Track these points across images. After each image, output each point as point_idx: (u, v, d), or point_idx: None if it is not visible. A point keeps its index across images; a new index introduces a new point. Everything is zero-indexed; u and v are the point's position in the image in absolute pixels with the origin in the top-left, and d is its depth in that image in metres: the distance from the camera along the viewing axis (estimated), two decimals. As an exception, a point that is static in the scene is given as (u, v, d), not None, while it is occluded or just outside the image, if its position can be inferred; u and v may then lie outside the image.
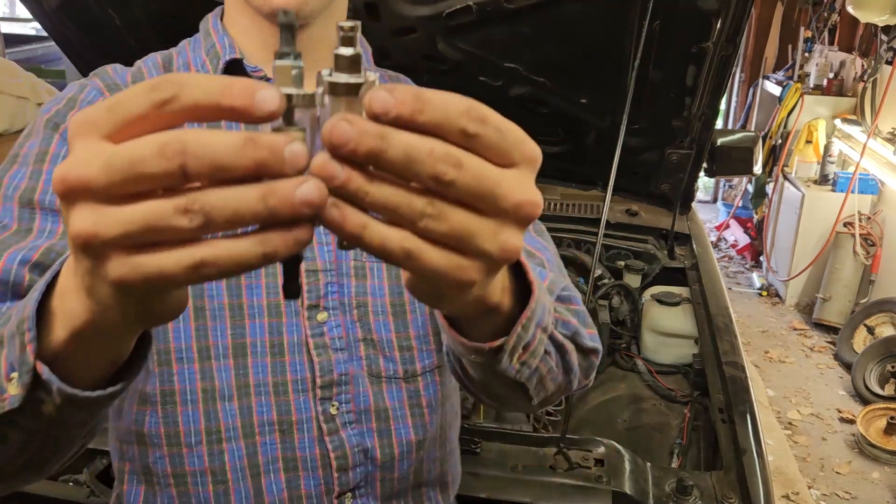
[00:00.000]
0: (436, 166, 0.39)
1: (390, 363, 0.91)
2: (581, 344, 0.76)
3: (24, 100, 3.37)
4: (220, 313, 0.85)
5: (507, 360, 0.60)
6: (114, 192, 0.38)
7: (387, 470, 0.91)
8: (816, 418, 3.63)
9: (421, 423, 0.93)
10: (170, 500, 0.87)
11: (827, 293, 4.40)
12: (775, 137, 5.11)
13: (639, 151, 2.25)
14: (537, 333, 0.62)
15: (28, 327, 0.48)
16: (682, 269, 2.29)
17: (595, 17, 1.87)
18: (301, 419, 0.86)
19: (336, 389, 0.87)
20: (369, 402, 0.90)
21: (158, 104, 0.37)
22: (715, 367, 1.77)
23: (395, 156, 0.38)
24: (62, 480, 1.46)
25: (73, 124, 0.39)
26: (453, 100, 0.40)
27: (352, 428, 0.88)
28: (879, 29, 4.32)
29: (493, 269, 0.45)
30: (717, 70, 1.93)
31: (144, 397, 0.85)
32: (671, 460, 1.69)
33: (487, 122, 0.40)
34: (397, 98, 0.38)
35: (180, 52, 0.94)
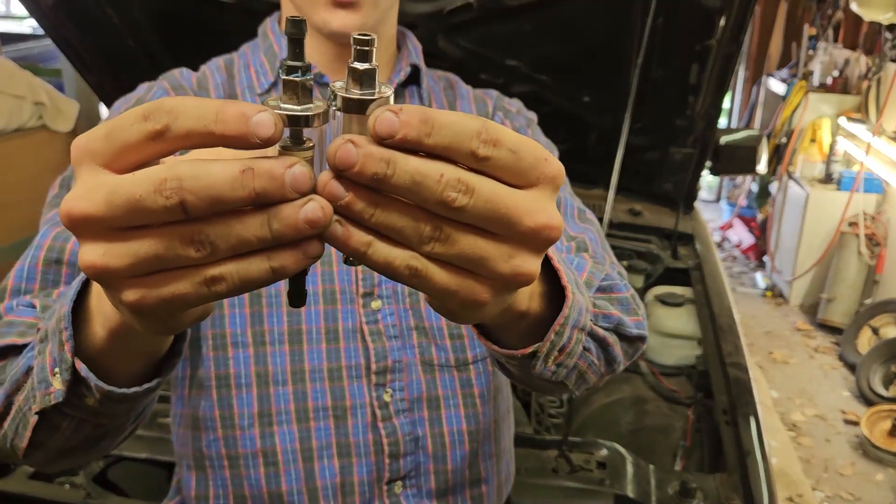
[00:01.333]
0: (444, 193, 0.38)
1: (442, 351, 0.92)
2: (625, 333, 0.74)
3: (20, 98, 3.37)
4: (276, 300, 0.87)
5: (542, 364, 0.60)
6: (117, 226, 0.38)
7: (439, 462, 0.92)
8: (820, 420, 3.61)
9: (473, 412, 0.94)
10: (223, 483, 0.89)
11: (831, 293, 4.38)
12: (779, 136, 5.09)
13: (641, 150, 2.24)
14: (573, 335, 0.61)
15: (64, 325, 0.51)
16: (686, 270, 2.28)
17: (597, 15, 1.86)
18: (355, 405, 0.88)
19: (390, 376, 0.89)
20: (422, 389, 0.91)
21: (152, 135, 0.37)
22: (718, 369, 1.75)
23: (401, 182, 0.38)
24: (59, 483, 1.46)
25: (74, 149, 0.39)
26: (464, 121, 0.38)
27: (404, 416, 0.90)
28: (884, 27, 4.30)
29: (507, 291, 0.45)
30: (721, 68, 1.92)
31: (199, 382, 0.88)
32: (674, 462, 1.68)
33: (500, 144, 0.39)
34: (403, 119, 0.37)
35: (241, 55, 0.99)
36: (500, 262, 0.42)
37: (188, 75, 0.95)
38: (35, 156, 3.48)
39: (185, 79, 0.94)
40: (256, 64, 0.96)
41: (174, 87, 0.92)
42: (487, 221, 0.40)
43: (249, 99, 0.92)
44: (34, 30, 5.61)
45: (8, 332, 0.67)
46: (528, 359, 0.59)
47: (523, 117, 1.05)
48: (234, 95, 0.94)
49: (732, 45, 1.84)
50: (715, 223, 6.09)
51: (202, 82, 0.95)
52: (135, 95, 0.92)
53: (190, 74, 0.95)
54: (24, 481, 1.45)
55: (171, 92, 0.91)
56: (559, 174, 0.43)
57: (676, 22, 1.81)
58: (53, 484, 1.45)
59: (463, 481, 0.95)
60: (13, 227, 3.31)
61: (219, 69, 0.97)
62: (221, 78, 0.96)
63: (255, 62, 0.96)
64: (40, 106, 3.48)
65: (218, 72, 0.96)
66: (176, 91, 0.92)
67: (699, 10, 1.78)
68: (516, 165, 0.40)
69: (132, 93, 0.93)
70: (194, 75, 0.95)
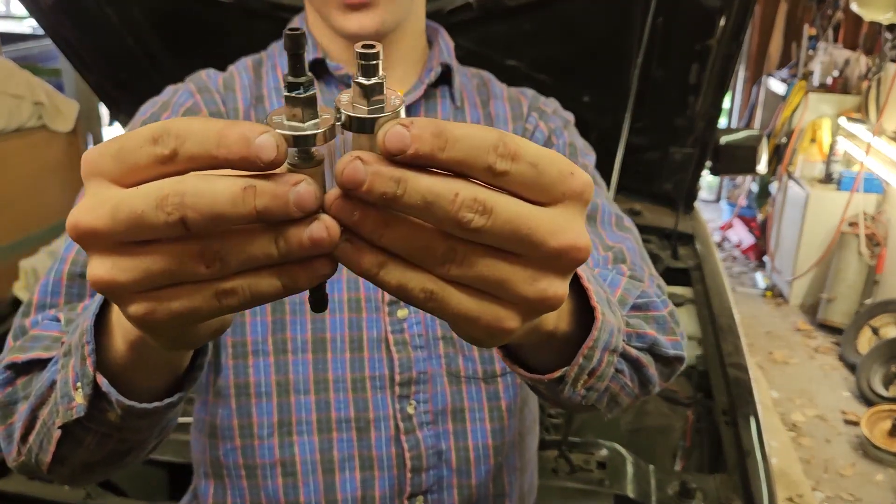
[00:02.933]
0: (459, 213, 0.36)
1: (469, 362, 0.89)
2: (660, 354, 0.70)
3: (19, 98, 3.37)
4: (301, 308, 0.85)
5: (571, 389, 0.57)
6: (123, 240, 0.37)
7: (463, 476, 0.89)
8: (820, 420, 3.61)
9: (500, 426, 0.91)
10: (240, 493, 0.87)
11: (831, 294, 4.38)
12: (779, 136, 5.09)
13: (642, 150, 2.24)
14: (604, 357, 0.57)
15: (87, 340, 0.51)
16: (686, 270, 2.28)
17: (597, 15, 1.86)
18: (378, 417, 0.86)
19: (414, 388, 0.87)
20: (447, 402, 0.88)
21: (161, 159, 0.36)
22: (718, 369, 1.75)
23: (412, 201, 0.36)
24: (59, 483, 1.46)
25: (85, 163, 0.39)
26: (480, 134, 0.36)
27: (428, 429, 0.87)
28: (884, 27, 4.30)
29: (533, 316, 0.42)
30: (721, 68, 1.92)
31: (217, 391, 0.87)
32: (674, 463, 1.68)
33: (520, 158, 0.37)
34: (414, 134, 0.35)
35: (269, 56, 0.97)
36: (524, 285, 0.39)
37: (215, 77, 0.93)
38: (34, 155, 3.48)
39: (211, 80, 0.92)
40: (283, 65, 0.94)
41: (200, 90, 0.90)
42: (508, 242, 0.38)
43: (276, 102, 0.91)
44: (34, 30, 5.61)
45: (33, 347, 0.67)
46: (555, 383, 0.56)
47: (560, 118, 1.00)
48: (261, 97, 0.92)
49: (732, 44, 1.84)
50: (715, 223, 6.09)
51: (228, 83, 0.93)
52: (161, 99, 0.91)
53: (217, 76, 0.93)
54: (25, 481, 1.44)
55: (197, 95, 0.89)
56: (587, 188, 0.39)
57: (676, 22, 1.81)
58: (53, 484, 1.45)
59: (486, 495, 0.91)
60: (13, 227, 3.31)
61: (246, 69, 0.95)
62: (249, 78, 0.93)
63: (282, 63, 0.94)
64: (40, 106, 3.48)
65: (245, 72, 0.94)
66: (201, 94, 0.90)
67: (699, 10, 1.78)
68: (538, 181, 0.37)
69: (159, 96, 0.92)
70: (221, 76, 0.93)
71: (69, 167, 3.69)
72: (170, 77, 1.00)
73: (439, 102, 0.95)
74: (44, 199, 3.52)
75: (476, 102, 0.98)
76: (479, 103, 0.98)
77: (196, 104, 0.89)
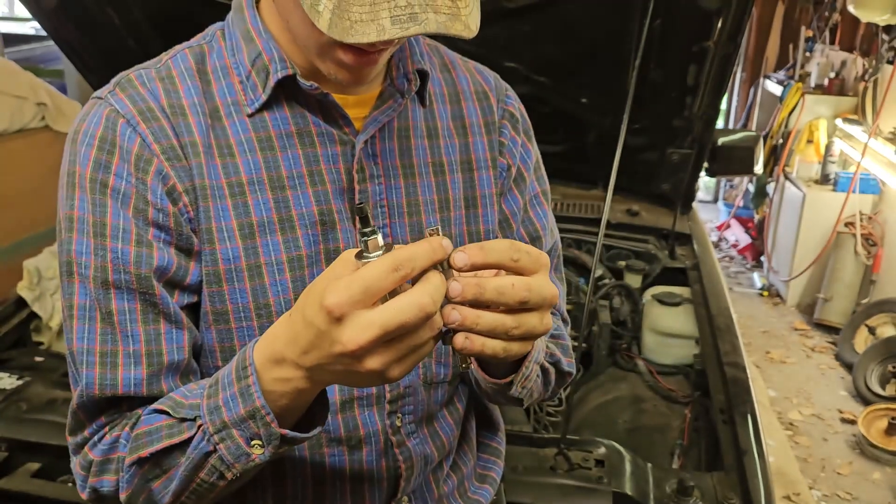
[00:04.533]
0: (519, 293, 0.64)
1: (442, 367, 0.93)
2: (560, 370, 0.95)
3: (22, 99, 3.38)
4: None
5: (516, 389, 0.82)
6: (385, 339, 0.60)
7: (438, 470, 0.97)
8: (817, 419, 3.62)
9: (457, 417, 0.98)
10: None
11: (828, 293, 4.39)
12: (776, 137, 5.11)
13: (640, 151, 2.25)
14: (534, 367, 0.83)
15: (266, 412, 0.67)
16: (683, 270, 2.29)
17: (596, 17, 1.87)
18: (368, 433, 0.88)
19: (401, 402, 0.89)
20: (425, 409, 0.92)
21: (403, 278, 0.60)
22: (716, 368, 1.76)
23: (490, 295, 0.63)
24: (61, 481, 1.46)
25: (336, 307, 0.59)
26: (500, 243, 0.64)
27: (414, 437, 0.91)
28: (880, 28, 4.31)
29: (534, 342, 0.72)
30: (718, 69, 1.93)
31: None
32: (672, 461, 1.69)
33: (521, 251, 0.65)
34: (470, 253, 0.63)
35: (214, 50, 0.84)
36: (540, 325, 0.67)
37: (153, 86, 0.80)
38: (37, 156, 3.49)
39: (151, 94, 0.80)
40: (242, 73, 0.82)
41: (143, 116, 0.78)
42: (537, 305, 0.66)
43: (238, 121, 0.81)
44: (36, 31, 5.62)
45: (154, 440, 0.74)
46: (507, 385, 0.82)
47: (523, 118, 1.00)
48: (218, 116, 0.81)
49: (730, 46, 1.85)
50: (712, 223, 6.10)
51: (174, 101, 0.80)
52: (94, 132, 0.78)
53: (156, 86, 0.80)
54: (27, 480, 1.45)
55: (142, 125, 0.78)
56: (549, 261, 0.68)
57: (674, 23, 1.82)
58: (56, 483, 1.46)
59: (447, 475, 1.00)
60: (16, 227, 3.32)
61: (189, 70, 0.82)
62: (196, 89, 0.81)
63: (239, 70, 0.82)
64: (42, 107, 3.48)
65: (189, 77, 0.82)
66: (147, 122, 0.78)
67: (697, 12, 1.79)
68: (535, 262, 0.65)
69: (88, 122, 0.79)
70: (161, 86, 0.80)
71: (70, 168, 3.69)
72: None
73: (409, 109, 0.89)
74: (47, 199, 3.49)
75: (444, 94, 0.93)
76: (447, 96, 0.94)
77: (146, 145, 0.77)
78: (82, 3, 1.94)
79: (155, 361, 0.78)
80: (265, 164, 0.81)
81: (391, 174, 0.86)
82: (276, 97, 0.82)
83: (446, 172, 0.91)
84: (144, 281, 0.76)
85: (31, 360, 1.91)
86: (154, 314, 0.78)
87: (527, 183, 0.99)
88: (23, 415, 1.56)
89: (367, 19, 0.65)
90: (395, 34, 0.64)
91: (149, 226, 0.77)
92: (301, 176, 0.82)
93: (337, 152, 0.83)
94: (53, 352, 2.02)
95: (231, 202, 0.80)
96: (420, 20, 0.65)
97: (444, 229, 0.90)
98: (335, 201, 0.83)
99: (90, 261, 0.76)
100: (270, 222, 0.80)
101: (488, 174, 0.94)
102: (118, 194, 0.77)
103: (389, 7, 0.65)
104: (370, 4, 0.65)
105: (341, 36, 0.65)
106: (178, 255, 0.79)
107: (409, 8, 0.65)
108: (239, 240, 0.80)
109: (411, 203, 0.88)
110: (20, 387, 1.65)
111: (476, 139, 0.94)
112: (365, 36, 0.65)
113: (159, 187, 0.77)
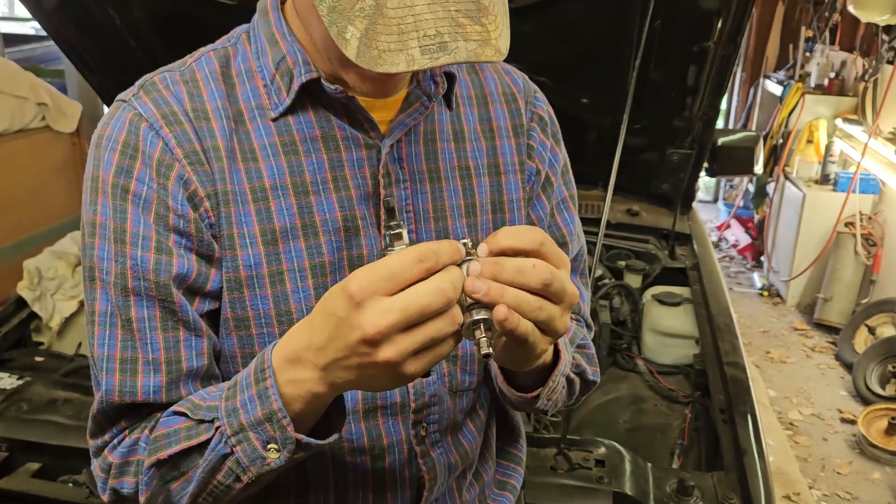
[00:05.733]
0: (542, 274, 0.63)
1: (467, 375, 0.91)
2: (585, 379, 0.96)
3: (23, 99, 3.38)
4: None
5: (543, 401, 0.84)
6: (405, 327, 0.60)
7: (459, 479, 0.96)
8: (817, 419, 3.63)
9: (479, 423, 0.97)
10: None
11: (828, 293, 4.40)
12: (776, 137, 5.11)
13: (640, 151, 2.25)
14: (560, 380, 0.83)
15: (283, 416, 0.67)
16: (683, 270, 2.29)
17: (596, 17, 1.87)
18: (392, 443, 0.87)
19: (426, 411, 0.88)
20: (450, 417, 0.91)
21: (426, 271, 0.61)
22: (716, 368, 1.76)
23: (509, 274, 0.63)
24: (62, 481, 1.46)
25: (358, 291, 0.60)
26: (523, 229, 0.65)
27: (438, 446, 0.90)
28: (880, 28, 4.31)
29: (554, 341, 0.71)
30: (719, 69, 1.93)
31: None
32: (672, 461, 1.69)
33: (545, 239, 0.65)
34: (499, 238, 0.65)
35: (239, 53, 0.83)
36: (560, 321, 0.67)
37: (176, 89, 0.80)
38: (38, 156, 3.49)
39: (174, 97, 0.79)
40: (266, 77, 0.81)
41: (166, 119, 0.78)
42: (557, 292, 0.65)
43: (262, 125, 0.80)
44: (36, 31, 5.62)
45: (173, 442, 0.74)
46: (533, 398, 0.83)
47: (551, 121, 0.99)
48: (242, 120, 0.81)
49: (730, 46, 1.85)
50: (712, 223, 6.10)
51: (198, 105, 0.80)
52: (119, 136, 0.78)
53: (180, 90, 0.80)
54: (28, 480, 1.45)
55: (165, 129, 0.77)
56: (569, 260, 0.69)
57: (674, 24, 1.82)
58: (56, 482, 1.46)
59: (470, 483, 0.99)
60: (17, 227, 3.32)
61: (214, 76, 0.81)
62: (220, 93, 0.81)
63: (263, 73, 0.81)
64: (43, 107, 3.49)
65: (214, 81, 0.81)
66: (170, 126, 0.77)
67: (697, 12, 1.79)
68: (558, 256, 0.66)
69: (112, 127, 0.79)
70: (185, 90, 0.80)
71: (72, 167, 3.70)
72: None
73: (436, 112, 0.88)
74: (47, 199, 3.53)
75: (471, 96, 0.92)
76: (474, 98, 0.92)
77: (168, 149, 0.77)
78: (82, 3, 1.94)
79: (174, 369, 0.78)
80: (289, 169, 0.80)
81: (417, 178, 0.85)
82: (300, 101, 0.80)
83: (473, 176, 0.89)
84: (163, 288, 0.76)
85: (31, 360, 1.91)
86: (173, 321, 0.78)
87: (554, 187, 0.97)
88: (23, 415, 1.56)
89: (395, 49, 0.63)
90: (424, 64, 0.63)
91: (170, 231, 0.77)
92: (325, 181, 0.81)
93: (362, 156, 0.82)
94: (53, 352, 2.02)
95: (254, 207, 0.79)
96: (450, 49, 0.64)
97: (471, 234, 0.89)
98: (359, 207, 0.82)
99: (111, 267, 0.77)
100: (293, 228, 0.80)
101: (516, 178, 0.92)
102: (140, 199, 0.77)
103: (418, 36, 0.63)
104: (398, 34, 0.63)
105: (369, 65, 0.63)
106: (199, 262, 0.78)
107: (438, 37, 0.63)
108: (261, 246, 0.79)
109: (437, 208, 0.86)
110: (20, 387, 1.66)
111: (503, 142, 0.92)
112: (394, 66, 0.63)
113: (180, 192, 0.77)
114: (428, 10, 0.64)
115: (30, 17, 3.59)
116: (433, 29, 0.63)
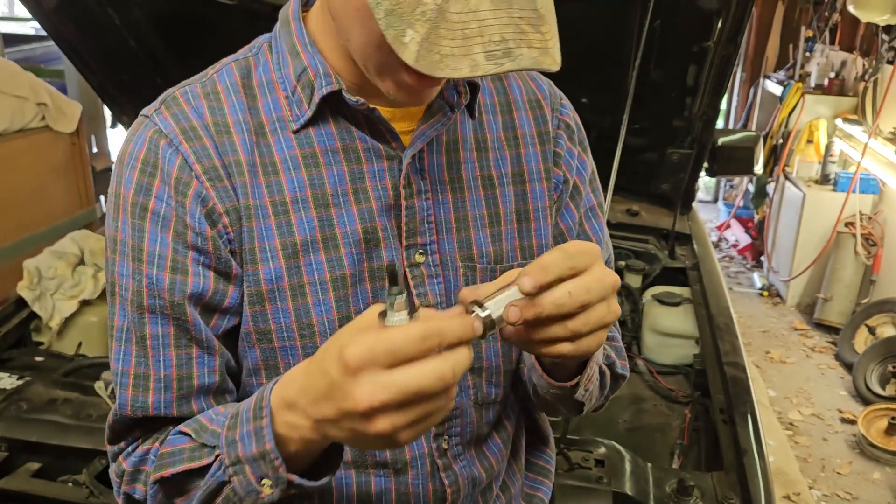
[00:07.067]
0: (579, 299, 0.65)
1: (493, 387, 0.90)
2: (615, 372, 0.95)
3: (23, 99, 3.38)
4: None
5: (581, 391, 0.82)
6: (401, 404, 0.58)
7: (488, 491, 0.95)
8: (817, 419, 3.63)
9: (506, 436, 0.96)
10: None
11: (828, 293, 4.40)
12: (776, 137, 5.11)
13: (640, 151, 2.25)
14: (595, 368, 0.83)
15: (275, 457, 0.66)
16: (683, 269, 2.29)
17: (596, 17, 1.87)
18: (414, 456, 0.86)
19: (447, 424, 0.87)
20: (473, 430, 0.90)
21: (429, 350, 0.58)
22: (716, 368, 1.76)
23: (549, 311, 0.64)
24: (61, 481, 1.46)
25: (355, 359, 0.57)
26: (556, 258, 0.64)
27: (461, 459, 0.89)
28: (880, 28, 4.31)
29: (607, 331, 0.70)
30: (718, 69, 1.93)
31: None
32: (672, 461, 1.69)
33: (574, 256, 0.65)
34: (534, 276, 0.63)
35: (260, 64, 0.83)
36: (608, 314, 0.67)
37: (197, 103, 0.79)
38: (38, 156, 3.49)
39: (195, 112, 0.79)
40: (287, 88, 0.80)
41: (186, 135, 0.77)
42: (599, 299, 0.66)
43: (283, 138, 0.80)
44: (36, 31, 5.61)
45: (176, 461, 0.75)
46: (573, 388, 0.81)
47: (578, 128, 0.97)
48: (263, 132, 0.80)
49: (730, 46, 1.85)
50: (712, 223, 6.11)
51: (219, 118, 0.79)
52: (139, 153, 0.78)
53: (200, 104, 0.79)
54: (28, 480, 1.45)
55: (185, 145, 0.77)
56: (600, 253, 0.67)
57: (674, 24, 1.82)
58: (56, 482, 1.46)
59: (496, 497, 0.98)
60: (17, 227, 3.32)
61: (234, 85, 0.81)
62: (241, 106, 0.80)
63: (285, 85, 0.80)
64: (43, 107, 3.49)
65: (234, 88, 0.80)
66: (189, 142, 0.77)
67: (697, 13, 1.79)
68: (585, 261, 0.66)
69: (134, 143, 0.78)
70: (205, 104, 0.79)
71: (72, 167, 3.71)
72: (171, 78, 0.92)
73: (458, 122, 0.87)
74: (47, 199, 3.53)
75: (495, 104, 0.91)
76: (498, 106, 0.91)
77: (187, 166, 0.77)
78: (82, 3, 1.94)
79: (185, 385, 0.79)
80: (309, 182, 0.79)
81: (439, 189, 0.84)
82: (321, 113, 0.80)
83: (496, 186, 0.88)
84: (178, 307, 0.77)
85: (31, 360, 1.91)
86: (186, 339, 0.79)
87: (582, 196, 0.96)
88: (23, 415, 1.56)
89: (458, 53, 0.61)
90: (489, 70, 0.62)
91: (188, 249, 0.77)
92: (345, 193, 0.80)
93: (383, 168, 0.81)
94: (53, 352, 2.02)
95: (274, 221, 0.79)
96: (515, 56, 0.62)
97: (494, 244, 0.87)
98: (380, 219, 0.81)
99: (129, 283, 0.78)
100: (314, 241, 0.79)
101: (541, 186, 0.91)
102: (158, 217, 0.77)
103: (483, 42, 0.61)
104: (462, 38, 0.61)
105: (430, 70, 0.61)
106: (216, 280, 0.78)
107: (503, 43, 0.62)
108: (282, 259, 0.79)
109: (459, 218, 0.85)
110: (20, 387, 1.66)
111: (528, 150, 0.91)
112: (457, 71, 0.61)
113: (198, 210, 0.77)
114: (492, 15, 0.62)
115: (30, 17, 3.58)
116: (498, 35, 0.62)
